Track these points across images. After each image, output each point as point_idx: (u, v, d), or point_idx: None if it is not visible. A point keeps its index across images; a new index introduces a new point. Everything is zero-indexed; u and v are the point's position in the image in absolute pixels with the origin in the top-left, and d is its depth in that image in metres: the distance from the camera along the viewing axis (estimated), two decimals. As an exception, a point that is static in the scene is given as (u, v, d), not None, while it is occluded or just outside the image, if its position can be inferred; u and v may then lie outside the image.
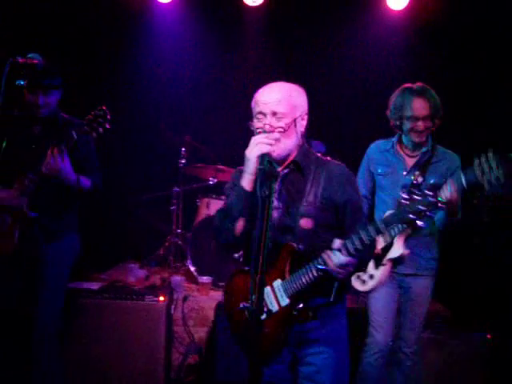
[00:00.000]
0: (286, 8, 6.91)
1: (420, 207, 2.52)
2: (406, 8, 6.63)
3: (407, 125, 4.00)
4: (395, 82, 4.22)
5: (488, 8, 6.11)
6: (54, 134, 3.87)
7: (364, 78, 6.68)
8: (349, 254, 2.70)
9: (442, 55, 6.52)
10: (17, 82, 3.65)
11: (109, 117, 3.72)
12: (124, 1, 6.69)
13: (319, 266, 2.73)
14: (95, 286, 4.95)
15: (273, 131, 2.84)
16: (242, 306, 2.78)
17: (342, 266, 2.71)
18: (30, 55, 3.67)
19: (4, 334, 4.14)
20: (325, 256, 2.73)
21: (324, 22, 6.82)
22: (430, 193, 2.52)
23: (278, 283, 2.86)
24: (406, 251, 3.89)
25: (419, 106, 3.94)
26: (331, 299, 2.88)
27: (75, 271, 4.26)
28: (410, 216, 2.55)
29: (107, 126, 3.72)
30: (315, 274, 2.76)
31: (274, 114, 2.85)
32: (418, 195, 2.54)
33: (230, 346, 4.49)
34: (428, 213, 2.54)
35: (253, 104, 2.95)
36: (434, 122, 4.01)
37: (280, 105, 2.86)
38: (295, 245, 2.83)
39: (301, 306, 2.81)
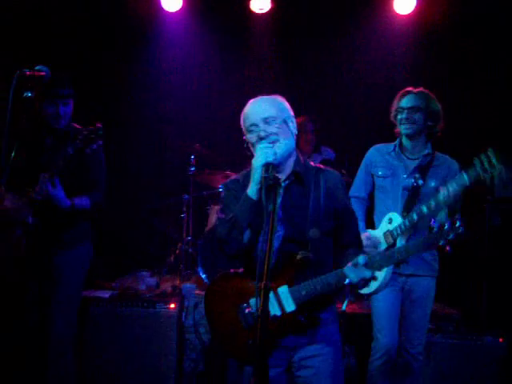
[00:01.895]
0: (293, 14, 6.93)
1: (451, 237, 2.79)
2: (412, 12, 6.63)
3: (398, 116, 4.14)
4: (402, 86, 4.25)
5: (494, 14, 6.11)
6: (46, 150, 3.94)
7: (371, 83, 6.69)
8: (374, 269, 2.85)
9: (448, 60, 6.52)
10: (24, 94, 3.68)
11: (101, 133, 3.72)
12: (132, 10, 6.72)
13: (346, 280, 2.84)
14: (106, 294, 4.99)
15: (269, 135, 2.91)
16: (247, 311, 2.88)
17: (367, 279, 2.84)
18: (37, 67, 3.70)
19: (18, 344, 4.17)
20: (348, 271, 2.83)
21: (331, 28, 6.84)
22: (460, 226, 2.77)
23: (284, 289, 2.88)
24: None
25: (408, 99, 4.11)
26: (343, 308, 2.98)
27: (86, 280, 4.29)
28: (441, 243, 2.80)
29: (100, 142, 3.73)
30: (334, 286, 2.86)
31: (265, 120, 2.93)
32: (448, 225, 2.79)
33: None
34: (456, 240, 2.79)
35: (241, 121, 3.04)
36: (427, 121, 4.09)
37: (268, 110, 2.94)
38: (307, 254, 2.88)
39: (306, 312, 2.86)
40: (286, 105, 3.05)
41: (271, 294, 2.86)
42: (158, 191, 7.20)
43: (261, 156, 2.83)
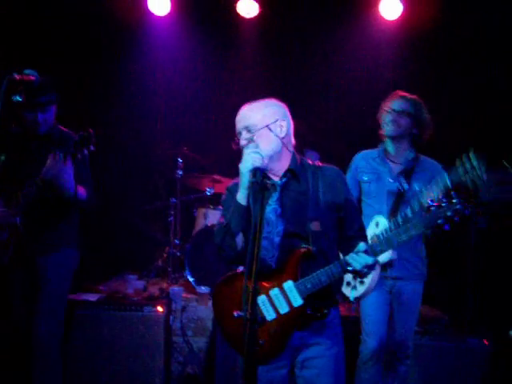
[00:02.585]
0: (280, 19, 6.95)
1: (449, 213, 2.82)
2: (399, 18, 6.67)
3: (384, 117, 4.19)
4: (388, 92, 4.29)
5: (481, 19, 6.17)
6: (52, 147, 3.90)
7: (357, 88, 6.72)
8: (375, 255, 2.95)
9: (435, 66, 6.57)
10: (14, 99, 3.67)
11: (93, 139, 3.70)
12: (120, 14, 6.72)
13: (349, 268, 2.92)
14: (93, 297, 4.98)
15: (248, 143, 2.98)
16: (236, 314, 2.86)
17: (369, 265, 2.93)
18: (26, 71, 3.69)
19: (4, 348, 4.16)
20: (350, 259, 2.92)
21: (318, 33, 6.87)
22: (457, 200, 2.82)
23: (289, 284, 2.94)
24: (395, 255, 3.96)
25: (397, 102, 4.17)
26: (352, 299, 3.35)
27: (74, 283, 4.28)
28: (439, 221, 2.85)
29: (92, 148, 3.70)
30: (337, 275, 2.94)
31: (246, 127, 3.02)
32: (445, 202, 2.84)
33: (228, 355, 4.51)
34: (455, 218, 2.83)
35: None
36: (413, 127, 4.14)
37: (249, 118, 3.03)
38: (311, 247, 2.94)
39: (315, 305, 2.93)
40: (272, 108, 3.08)
41: (277, 291, 2.94)
42: (145, 195, 7.20)
43: (247, 161, 2.88)
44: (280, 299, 2.93)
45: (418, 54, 6.63)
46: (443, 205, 2.83)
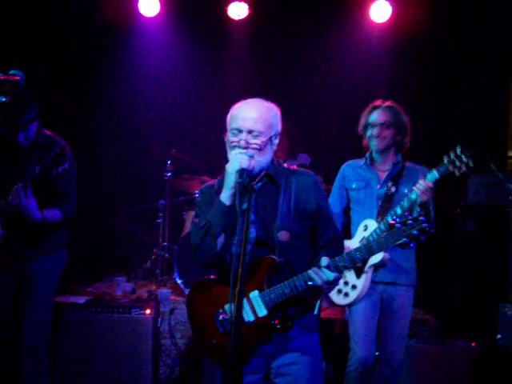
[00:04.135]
0: (269, 21, 6.97)
1: (414, 232, 2.69)
2: (388, 21, 6.70)
3: (368, 132, 4.20)
4: (376, 94, 4.31)
5: (470, 23, 6.20)
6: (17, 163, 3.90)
7: (346, 91, 6.74)
8: (338, 271, 2.81)
9: (424, 68, 6.60)
10: None
11: (68, 156, 3.69)
12: (109, 15, 6.70)
13: (309, 283, 2.80)
14: (81, 299, 4.95)
15: (247, 147, 2.87)
16: (221, 317, 2.90)
17: (330, 282, 2.81)
18: (11, 72, 3.65)
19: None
20: (312, 273, 2.81)
21: (307, 35, 6.89)
22: (423, 218, 2.69)
23: (255, 294, 2.88)
24: (386, 255, 3.95)
25: (378, 115, 4.17)
26: (315, 312, 2.97)
27: (61, 285, 4.27)
28: (405, 240, 2.71)
29: (66, 165, 3.69)
30: (300, 288, 2.82)
31: (250, 132, 2.88)
32: (411, 220, 2.70)
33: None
34: (422, 238, 2.71)
35: (228, 118, 2.98)
36: (396, 135, 4.16)
37: (257, 124, 2.89)
38: (276, 258, 2.86)
39: (279, 316, 2.85)
40: (278, 119, 3.00)
41: (244, 300, 2.84)
42: (134, 196, 7.17)
43: (235, 162, 2.82)
44: (246, 308, 2.86)
45: (407, 57, 6.67)
46: (408, 223, 2.71)
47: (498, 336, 4.94)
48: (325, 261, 2.81)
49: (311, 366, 2.95)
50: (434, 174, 3.82)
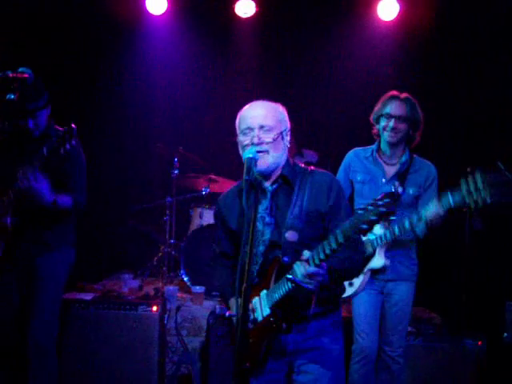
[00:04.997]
0: (276, 19, 6.97)
1: (372, 217, 2.45)
2: (395, 19, 6.69)
3: (382, 122, 4.13)
4: (384, 91, 4.29)
5: (476, 21, 6.18)
6: (26, 153, 3.89)
7: (354, 89, 6.73)
8: (314, 264, 2.66)
9: (431, 66, 6.59)
10: (7, 97, 3.64)
11: (75, 134, 3.64)
12: (116, 13, 6.72)
13: (288, 276, 2.71)
14: (88, 296, 4.96)
15: (261, 143, 2.87)
16: (227, 314, 2.93)
17: (309, 276, 2.66)
18: (20, 69, 3.67)
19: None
20: (295, 267, 2.72)
21: (314, 33, 6.88)
22: (382, 202, 2.44)
23: (263, 293, 2.90)
24: (388, 262, 3.96)
25: (395, 106, 4.09)
26: (310, 312, 2.86)
27: (69, 282, 4.28)
28: (363, 226, 2.48)
29: (73, 142, 3.64)
30: (288, 285, 2.75)
31: (262, 127, 2.89)
32: (372, 205, 2.47)
33: (222, 355, 4.52)
34: (378, 222, 2.47)
35: (237, 121, 2.99)
36: (410, 129, 4.11)
37: (267, 118, 2.90)
38: (280, 257, 2.86)
39: (280, 316, 2.83)
40: (286, 117, 3.01)
41: (256, 299, 2.90)
42: (141, 194, 7.19)
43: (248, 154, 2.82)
44: (257, 307, 2.90)
45: (414, 54, 6.65)
46: (369, 208, 2.46)
47: (505, 334, 4.92)
48: (304, 254, 2.70)
49: (333, 365, 2.95)
50: (448, 200, 3.50)
